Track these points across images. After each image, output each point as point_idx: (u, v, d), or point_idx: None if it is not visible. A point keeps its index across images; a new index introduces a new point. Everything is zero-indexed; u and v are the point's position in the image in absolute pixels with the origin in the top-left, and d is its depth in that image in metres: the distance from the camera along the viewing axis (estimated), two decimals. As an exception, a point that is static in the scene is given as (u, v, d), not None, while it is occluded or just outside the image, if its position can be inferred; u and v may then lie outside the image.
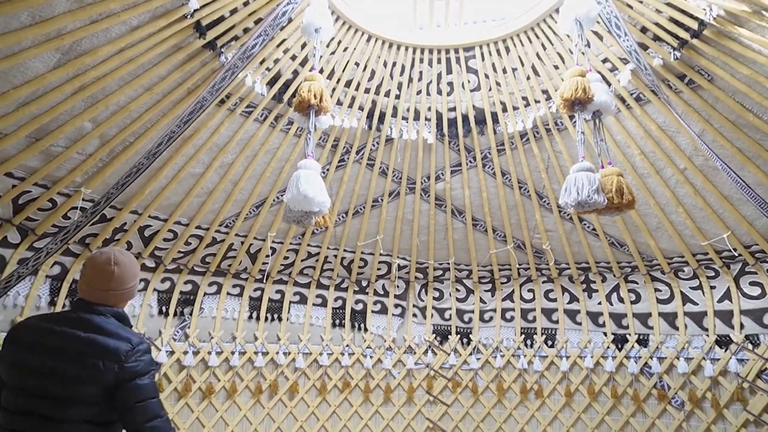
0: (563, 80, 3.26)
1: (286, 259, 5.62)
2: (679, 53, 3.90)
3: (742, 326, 5.03)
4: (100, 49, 3.41)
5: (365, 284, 6.10)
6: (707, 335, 5.18)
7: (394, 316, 6.13)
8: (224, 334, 5.44)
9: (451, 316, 6.15)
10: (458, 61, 4.70)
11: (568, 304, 5.88)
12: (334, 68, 4.53)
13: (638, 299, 5.58)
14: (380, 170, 5.30)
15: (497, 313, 6.07)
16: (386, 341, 6.00)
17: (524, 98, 4.80)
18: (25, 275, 3.98)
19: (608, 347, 5.57)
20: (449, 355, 5.96)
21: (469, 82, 4.81)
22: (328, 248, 5.69)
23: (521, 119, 4.89)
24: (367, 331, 6.02)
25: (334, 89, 4.61)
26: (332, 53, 4.43)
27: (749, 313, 5.03)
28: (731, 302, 5.08)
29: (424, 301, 6.20)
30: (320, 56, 3.34)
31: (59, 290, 4.58)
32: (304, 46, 4.30)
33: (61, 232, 4.10)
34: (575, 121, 4.25)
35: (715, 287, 5.19)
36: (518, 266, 5.90)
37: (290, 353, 5.65)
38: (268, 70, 4.31)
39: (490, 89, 4.81)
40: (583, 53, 3.35)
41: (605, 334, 5.64)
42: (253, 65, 4.16)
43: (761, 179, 4.22)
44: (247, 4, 3.80)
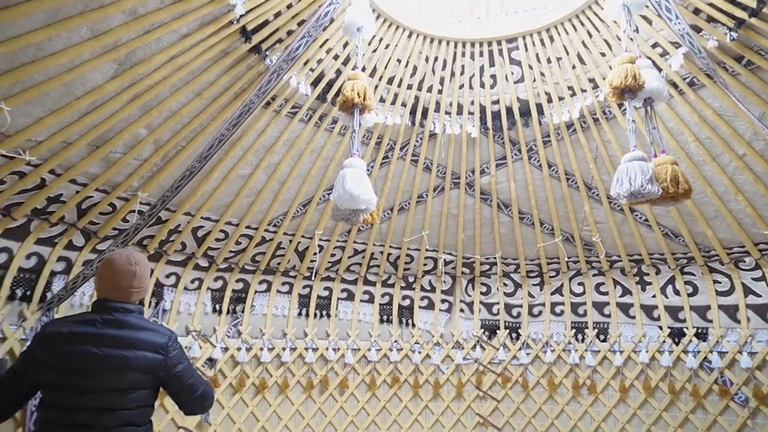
0: (611, 68, 3.17)
1: (333, 256, 5.71)
2: (735, 33, 3.72)
3: (810, 318, 4.78)
4: (152, 58, 3.55)
5: (412, 280, 6.11)
6: (772, 328, 4.95)
7: (441, 311, 6.12)
8: (275, 330, 5.57)
9: (499, 310, 6.10)
10: (501, 53, 4.64)
11: (620, 297, 5.72)
12: (376, 66, 4.56)
13: (695, 291, 5.37)
14: (424, 166, 5.30)
15: (546, 307, 5.97)
16: (434, 336, 6.01)
17: (570, 88, 4.69)
18: (89, 276, 4.20)
19: (664, 341, 5.40)
20: (498, 350, 5.92)
21: (512, 73, 4.74)
22: (374, 245, 5.74)
23: (567, 109, 4.79)
24: (414, 326, 6.04)
25: (376, 87, 4.64)
26: (374, 51, 4.46)
27: (818, 304, 4.77)
28: (798, 293, 4.83)
29: (471, 296, 6.16)
30: (362, 55, 3.36)
31: (120, 290, 4.79)
32: (346, 45, 4.34)
33: (121, 234, 4.30)
34: (624, 109, 4.13)
35: (779, 278, 4.95)
36: (567, 259, 5.78)
37: (339, 349, 5.74)
38: (311, 70, 4.38)
39: (534, 80, 4.72)
40: (631, 39, 3.25)
41: (661, 327, 5.47)
42: (297, 66, 4.23)
43: (829, 163, 3.99)
44: (290, 6, 3.87)
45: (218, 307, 5.35)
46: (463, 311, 6.15)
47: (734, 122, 4.25)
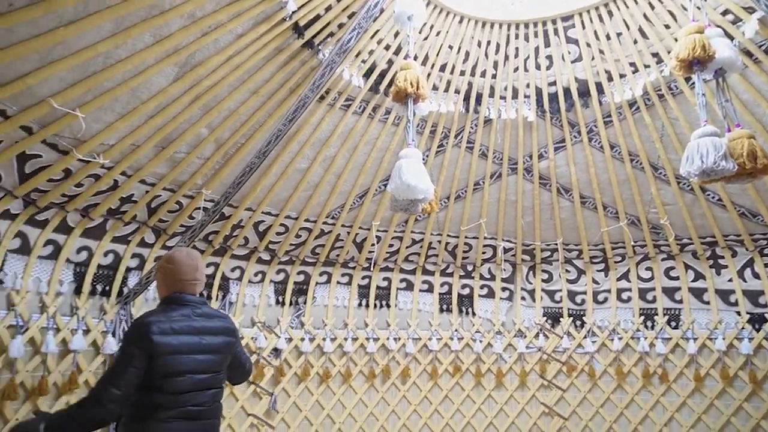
0: (677, 40, 3.00)
1: (391, 246, 5.73)
2: (817, -6, 3.43)
3: None
4: (210, 59, 3.67)
5: (471, 269, 6.06)
6: None
7: (501, 299, 6.04)
8: (336, 321, 5.67)
9: (561, 298, 5.95)
10: (556, 32, 4.49)
11: (692, 282, 5.45)
12: (427, 54, 4.52)
13: (777, 274, 5.04)
14: (480, 152, 5.22)
15: (612, 293, 5.77)
16: (495, 325, 5.94)
17: (632, 64, 4.48)
18: (161, 271, 4.42)
19: (743, 328, 5.10)
20: (562, 338, 5.78)
21: (569, 53, 4.58)
22: (431, 234, 5.72)
23: (629, 87, 4.58)
24: (475, 315, 5.99)
25: (429, 75, 4.60)
26: (425, 39, 4.42)
27: None
28: None
29: (532, 283, 6.04)
30: (414, 43, 3.33)
31: (189, 284, 5.01)
32: (397, 34, 4.33)
33: (188, 231, 4.50)
34: (693, 83, 3.90)
35: None
36: (633, 244, 5.56)
37: (400, 339, 5.77)
38: (363, 62, 4.40)
39: (592, 58, 4.54)
40: (698, 8, 3.06)
41: (739, 313, 5.17)
42: (349, 59, 4.26)
43: None
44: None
45: (281, 299, 5.50)
46: (524, 299, 6.04)
47: (818, 90, 3.94)
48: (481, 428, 5.65)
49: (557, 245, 5.79)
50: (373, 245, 5.60)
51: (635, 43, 4.33)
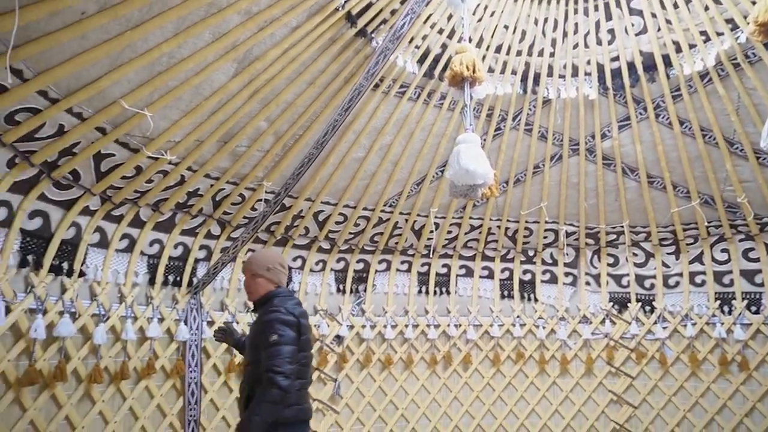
0: (755, 3, 2.79)
1: (449, 233, 5.70)
2: None
3: None
4: (267, 53, 3.74)
5: (532, 254, 5.93)
6: None
7: (565, 285, 5.89)
8: (397, 308, 5.71)
9: (629, 282, 5.73)
10: (618, 4, 4.28)
11: (774, 263, 5.11)
12: (482, 36, 4.42)
13: None
14: (539, 134, 5.08)
15: (684, 277, 5.51)
16: (559, 311, 5.80)
17: (703, 33, 4.21)
18: (227, 262, 4.59)
19: (834, 311, 4.75)
20: (630, 324, 5.58)
21: (632, 25, 4.35)
22: (490, 219, 5.64)
23: (700, 57, 4.31)
24: (537, 301, 5.87)
25: (484, 57, 4.50)
26: (479, 20, 4.32)
27: None
28: None
29: (597, 267, 5.85)
30: (468, 25, 3.26)
31: (254, 274, 5.18)
32: (450, 17, 4.25)
33: (251, 222, 4.63)
34: (773, 49, 3.63)
35: None
36: (707, 224, 5.26)
37: (461, 325, 5.75)
38: (417, 48, 4.36)
39: (659, 30, 4.30)
40: (780, -33, 2.83)
41: (828, 296, 4.81)
42: (402, 45, 4.23)
43: None
44: (392, -15, 3.87)
45: (342, 287, 5.59)
46: (589, 284, 5.86)
47: None
48: (545, 415, 5.55)
49: (623, 228, 5.57)
50: (431, 232, 5.58)
51: (706, 9, 4.06)
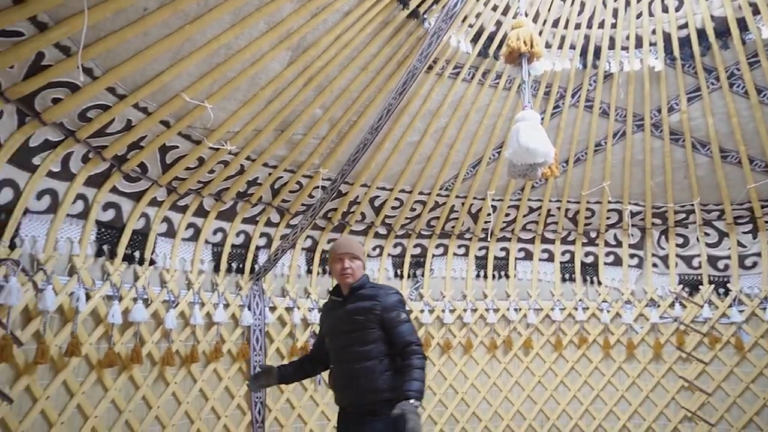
0: None
1: (507, 216, 5.59)
2: None
3: None
4: (320, 40, 3.75)
5: (594, 235, 5.73)
6: None
7: (630, 267, 5.67)
8: (455, 292, 5.67)
9: (700, 264, 5.45)
10: (687, -33, 4.02)
11: None
12: (538, 10, 4.26)
13: None
14: (600, 111, 4.87)
15: (763, 257, 5.19)
16: (624, 294, 5.59)
17: (783, -8, 3.90)
18: (287, 249, 4.69)
19: None
20: (702, 307, 5.31)
21: (703, -11, 4.08)
22: (550, 201, 5.48)
23: (781, 20, 4.00)
24: (600, 284, 5.68)
25: (540, 32, 4.34)
26: (535, -6, 4.17)
27: None
28: None
29: (665, 249, 5.59)
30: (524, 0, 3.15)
31: (312, 260, 5.28)
32: (504, -7, 4.13)
33: (308, 209, 4.71)
34: None
35: None
36: (789, 200, 4.92)
37: (521, 309, 5.65)
38: (470, 26, 4.26)
39: (733, -8, 4.02)
40: None
41: None
42: (455, 25, 4.14)
43: None
44: (444, -37, 3.79)
45: (399, 271, 5.60)
46: (656, 266, 5.61)
47: None
48: (611, 402, 5.39)
49: (693, 206, 5.28)
50: (488, 215, 5.49)
51: (787, -33, 3.75)
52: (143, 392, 4.03)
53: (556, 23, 4.38)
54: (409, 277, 5.63)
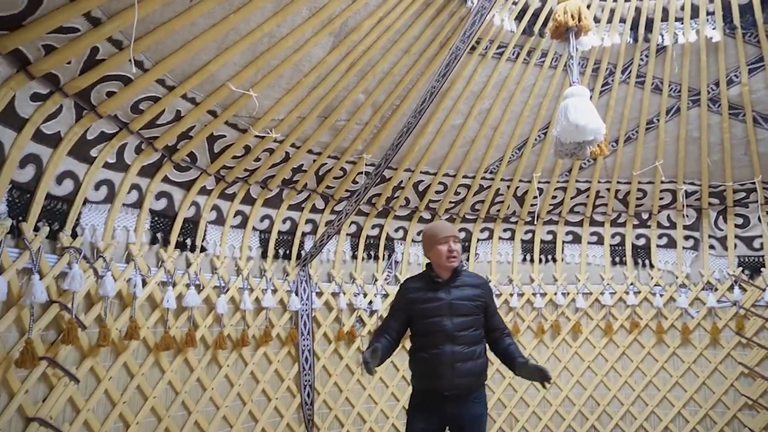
0: None
1: (554, 198, 5.46)
2: None
3: None
4: (362, 24, 3.73)
5: (646, 217, 5.54)
6: None
7: (685, 249, 5.46)
8: (500, 277, 5.60)
9: (762, 245, 5.19)
10: (748, -71, 3.78)
11: None
12: (586, -17, 4.11)
13: None
14: (653, 86, 4.67)
15: (831, 237, 4.88)
16: (678, 277, 5.40)
17: None
18: (332, 235, 4.74)
19: None
20: (764, 290, 5.06)
21: (766, -48, 3.84)
22: (599, 182, 5.32)
23: None
24: (653, 267, 5.50)
25: (588, 6, 4.19)
26: (583, -34, 4.01)
27: None
28: None
29: (723, 230, 5.35)
30: (571, -28, 3.04)
31: (357, 245, 5.32)
32: (550, -33, 4.00)
33: (353, 195, 4.73)
34: None
35: None
36: None
37: (569, 294, 5.53)
38: (514, 4, 4.15)
39: (800, -47, 3.76)
40: None
41: None
42: (499, 3, 4.04)
43: None
44: (486, -60, 3.68)
45: (444, 256, 5.55)
46: (713, 248, 5.38)
47: None
48: (665, 388, 5.24)
49: (755, 184, 5.02)
50: (535, 198, 5.38)
51: None
52: (198, 374, 4.17)
53: (604, -4, 4.21)
54: (453, 261, 5.58)
